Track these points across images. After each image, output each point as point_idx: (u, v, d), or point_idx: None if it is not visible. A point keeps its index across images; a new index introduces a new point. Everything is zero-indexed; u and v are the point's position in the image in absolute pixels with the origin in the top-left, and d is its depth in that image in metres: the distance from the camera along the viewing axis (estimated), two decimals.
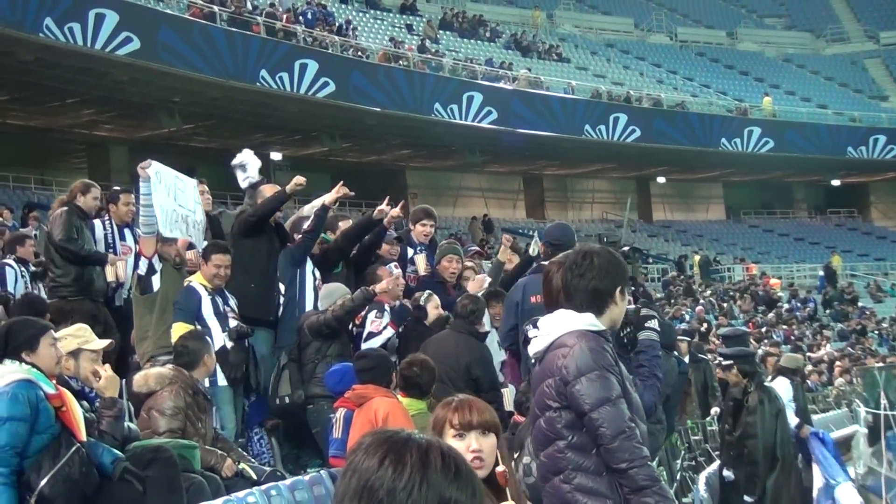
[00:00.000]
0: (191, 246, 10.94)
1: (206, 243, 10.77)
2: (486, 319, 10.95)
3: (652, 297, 24.19)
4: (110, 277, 11.51)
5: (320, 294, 10.85)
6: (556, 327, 5.24)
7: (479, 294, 11.20)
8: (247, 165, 12.16)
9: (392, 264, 11.58)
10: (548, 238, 9.92)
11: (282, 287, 11.33)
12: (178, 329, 9.68)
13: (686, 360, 15.57)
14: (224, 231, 11.64)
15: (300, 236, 11.28)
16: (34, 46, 29.18)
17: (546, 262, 9.49)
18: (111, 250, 12.11)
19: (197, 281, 10.13)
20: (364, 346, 10.53)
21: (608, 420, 4.93)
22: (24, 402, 6.58)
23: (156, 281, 10.57)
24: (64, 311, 10.90)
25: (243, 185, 12.03)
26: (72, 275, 11.43)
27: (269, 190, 11.43)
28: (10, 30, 28.18)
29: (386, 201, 11.96)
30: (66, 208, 11.95)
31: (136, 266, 10.99)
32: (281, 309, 11.25)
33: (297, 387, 10.11)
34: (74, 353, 8.06)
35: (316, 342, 10.18)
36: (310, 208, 12.41)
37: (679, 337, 15.60)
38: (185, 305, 9.97)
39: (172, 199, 10.65)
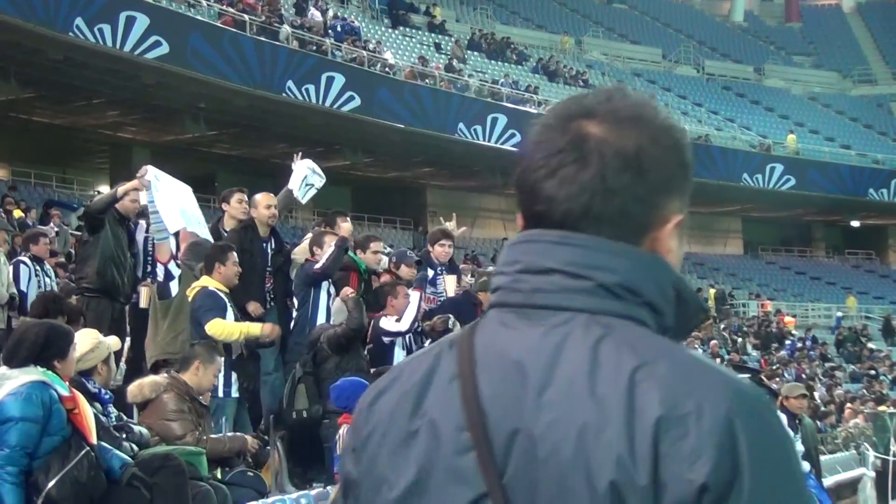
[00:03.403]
0: None
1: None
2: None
3: None
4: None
5: (333, 309, 10.87)
6: None
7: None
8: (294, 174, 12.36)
9: (411, 289, 11.60)
10: None
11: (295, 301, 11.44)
12: (217, 325, 9.69)
13: None
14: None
15: (317, 266, 11.25)
16: (64, 45, 29.31)
17: None
18: (150, 256, 12.08)
19: (212, 286, 10.03)
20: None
21: None
22: (37, 404, 6.61)
23: (174, 286, 10.58)
24: (76, 310, 10.95)
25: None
26: (94, 268, 11.41)
27: (261, 198, 11.59)
28: (40, 28, 28.31)
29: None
30: None
31: (153, 273, 11.02)
32: (292, 324, 11.32)
33: (314, 401, 10.12)
34: (106, 360, 8.19)
35: (335, 357, 10.20)
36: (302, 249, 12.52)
37: None
38: (214, 305, 9.89)
39: (177, 199, 10.71)
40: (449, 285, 12.49)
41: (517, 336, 1.76)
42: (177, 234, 11.18)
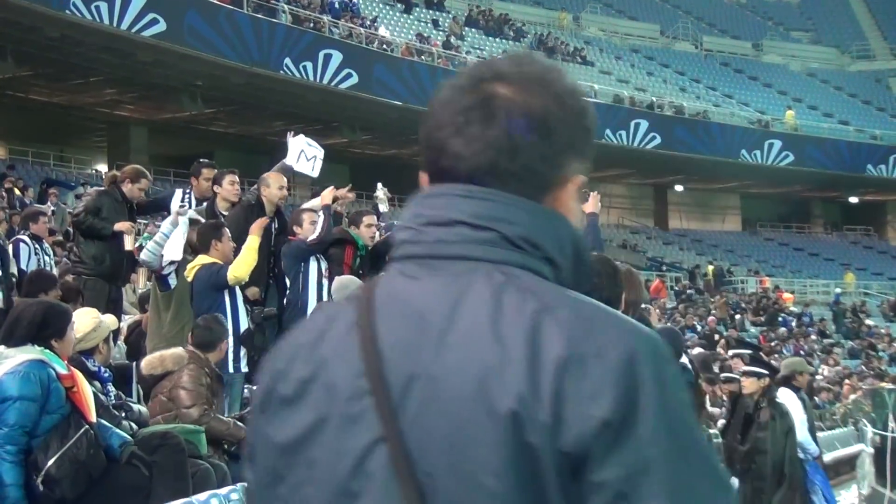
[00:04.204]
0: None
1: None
2: None
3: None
4: (128, 246, 11.51)
5: (333, 286, 10.87)
6: None
7: None
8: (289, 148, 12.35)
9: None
10: None
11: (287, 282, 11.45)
12: (234, 268, 9.80)
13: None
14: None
15: (312, 238, 11.28)
16: (61, 23, 29.25)
17: None
18: None
19: (210, 261, 10.04)
20: None
21: None
22: (35, 382, 6.60)
23: (172, 279, 10.58)
24: (74, 289, 10.98)
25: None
26: (90, 252, 11.46)
27: (273, 178, 11.58)
28: (37, 6, 28.25)
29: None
30: (102, 189, 12.09)
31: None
32: (285, 301, 11.36)
33: None
34: (106, 339, 8.25)
35: None
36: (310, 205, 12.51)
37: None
38: (220, 267, 9.97)
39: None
40: None
41: (418, 285, 1.81)
42: None
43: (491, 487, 1.63)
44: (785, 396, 12.73)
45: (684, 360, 10.34)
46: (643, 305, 7.99)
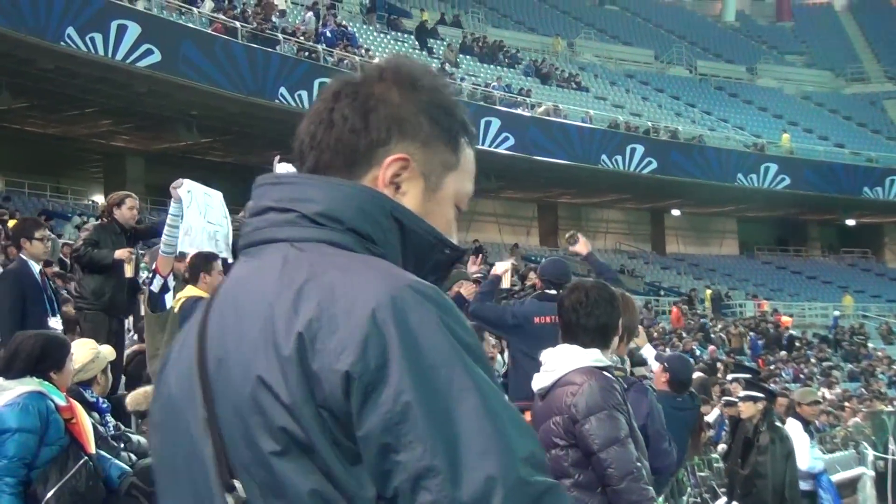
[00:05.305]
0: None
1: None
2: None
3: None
4: (129, 273, 11.50)
5: None
6: (562, 363, 5.24)
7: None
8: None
9: None
10: (543, 274, 9.99)
11: None
12: None
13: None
14: None
15: None
16: (55, 55, 29.25)
17: (551, 292, 9.51)
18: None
19: (198, 294, 9.89)
20: None
21: (616, 461, 4.93)
22: (34, 414, 6.59)
23: (168, 299, 10.51)
24: (71, 320, 10.98)
25: None
26: (90, 287, 11.47)
27: None
28: (32, 37, 28.25)
29: None
30: (99, 223, 12.09)
31: (150, 283, 10.96)
32: None
33: None
34: (104, 370, 8.25)
35: None
36: None
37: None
38: None
39: (202, 217, 10.62)
40: None
41: (239, 272, 1.98)
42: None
43: (265, 447, 1.77)
44: (791, 427, 12.70)
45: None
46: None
